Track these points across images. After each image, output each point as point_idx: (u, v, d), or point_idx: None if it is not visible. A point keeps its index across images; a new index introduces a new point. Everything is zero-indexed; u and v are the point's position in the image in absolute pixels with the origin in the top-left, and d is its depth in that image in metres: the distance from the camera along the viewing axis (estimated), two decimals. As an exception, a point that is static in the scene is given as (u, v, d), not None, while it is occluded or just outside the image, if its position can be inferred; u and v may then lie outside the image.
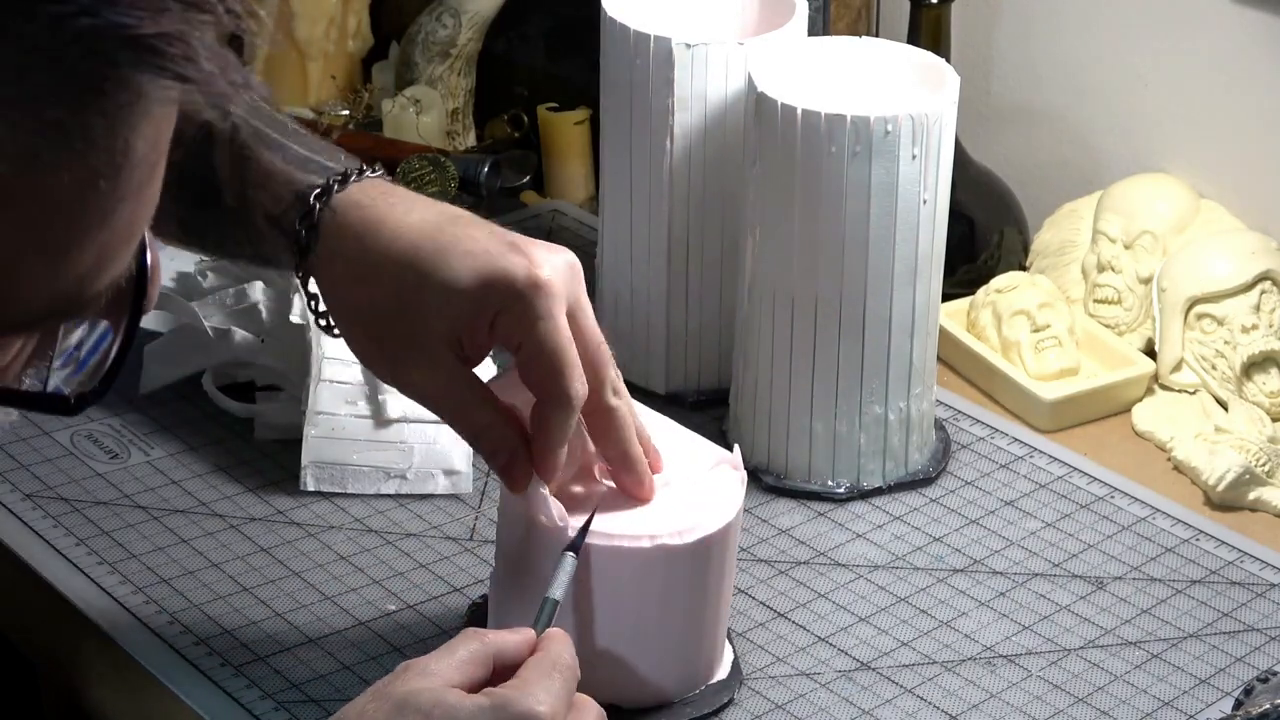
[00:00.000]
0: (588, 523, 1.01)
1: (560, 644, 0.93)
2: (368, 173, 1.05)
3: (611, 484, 1.05)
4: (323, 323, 1.05)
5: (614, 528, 1.02)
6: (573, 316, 1.00)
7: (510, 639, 0.93)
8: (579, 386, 0.99)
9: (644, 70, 1.28)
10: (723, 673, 1.09)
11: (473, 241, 1.00)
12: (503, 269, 0.98)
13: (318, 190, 1.02)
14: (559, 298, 0.99)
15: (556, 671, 0.91)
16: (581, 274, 1.02)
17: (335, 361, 1.25)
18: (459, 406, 1.02)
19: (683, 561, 1.03)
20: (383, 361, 1.03)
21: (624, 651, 1.04)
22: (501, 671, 0.91)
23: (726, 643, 1.10)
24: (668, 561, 1.02)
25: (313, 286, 1.05)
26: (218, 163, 1.05)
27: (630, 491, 1.04)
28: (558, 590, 0.98)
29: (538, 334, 0.98)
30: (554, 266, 1.00)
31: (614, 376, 1.02)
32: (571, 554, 1.00)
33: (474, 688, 0.90)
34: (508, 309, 0.98)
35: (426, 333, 1.00)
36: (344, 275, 1.02)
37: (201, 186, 1.06)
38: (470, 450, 1.25)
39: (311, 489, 1.24)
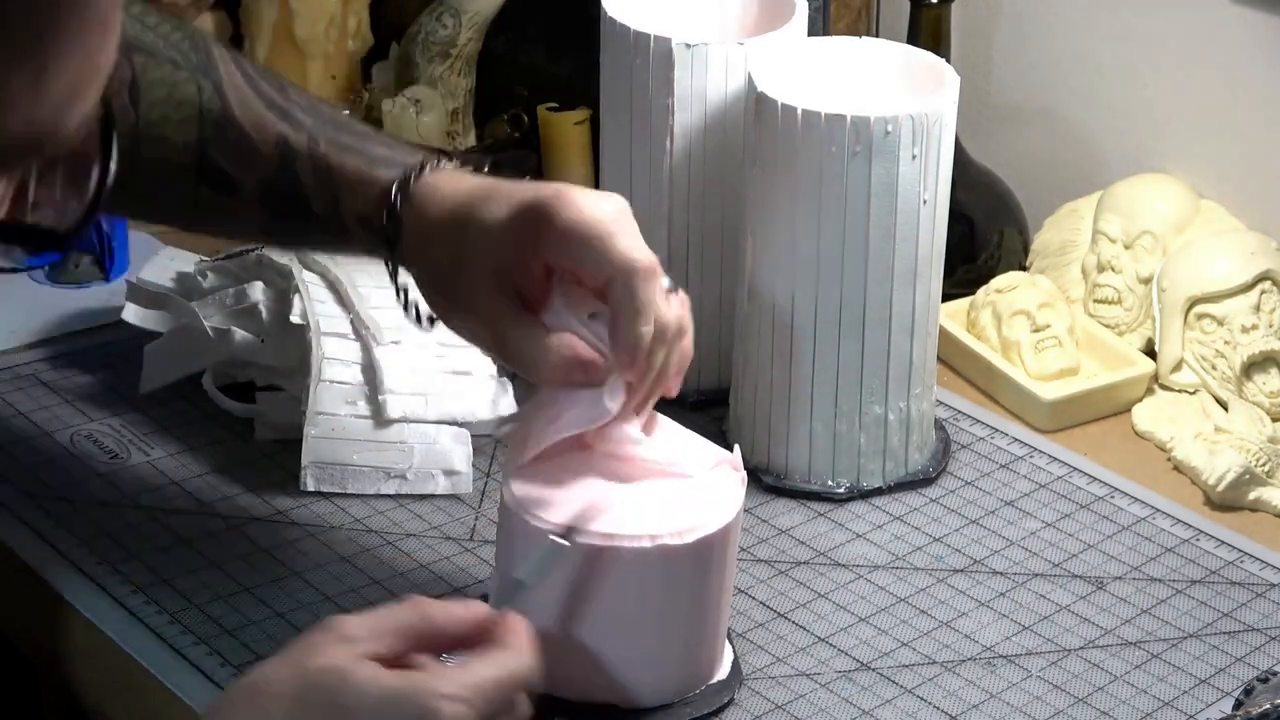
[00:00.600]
0: (579, 520, 1.00)
1: (515, 636, 0.90)
2: (443, 163, 1.09)
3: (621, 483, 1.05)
4: (411, 314, 1.10)
5: (614, 527, 1.02)
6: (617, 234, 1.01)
7: (454, 613, 0.90)
8: (640, 252, 1.00)
9: (644, 70, 1.28)
10: (723, 673, 1.09)
11: (515, 186, 1.04)
12: (533, 195, 1.02)
13: (396, 183, 1.07)
14: (581, 205, 1.01)
15: (493, 668, 0.88)
16: (630, 213, 1.03)
17: (335, 362, 1.25)
18: (506, 337, 1.03)
19: (683, 561, 1.03)
20: (450, 314, 1.07)
21: (623, 651, 1.04)
22: (437, 645, 0.90)
23: (727, 643, 1.10)
24: (668, 561, 1.02)
25: (403, 277, 1.09)
26: (301, 173, 1.10)
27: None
28: (524, 571, 0.97)
29: (567, 216, 1.00)
30: (590, 196, 1.02)
31: (682, 315, 1.03)
32: (555, 538, 0.99)
33: (397, 660, 0.88)
34: (545, 228, 1.01)
35: (476, 272, 1.03)
36: (415, 243, 1.06)
37: (287, 198, 1.11)
38: (470, 451, 1.25)
39: (311, 489, 1.24)
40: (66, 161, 0.74)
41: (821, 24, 1.49)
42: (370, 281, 1.28)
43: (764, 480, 1.26)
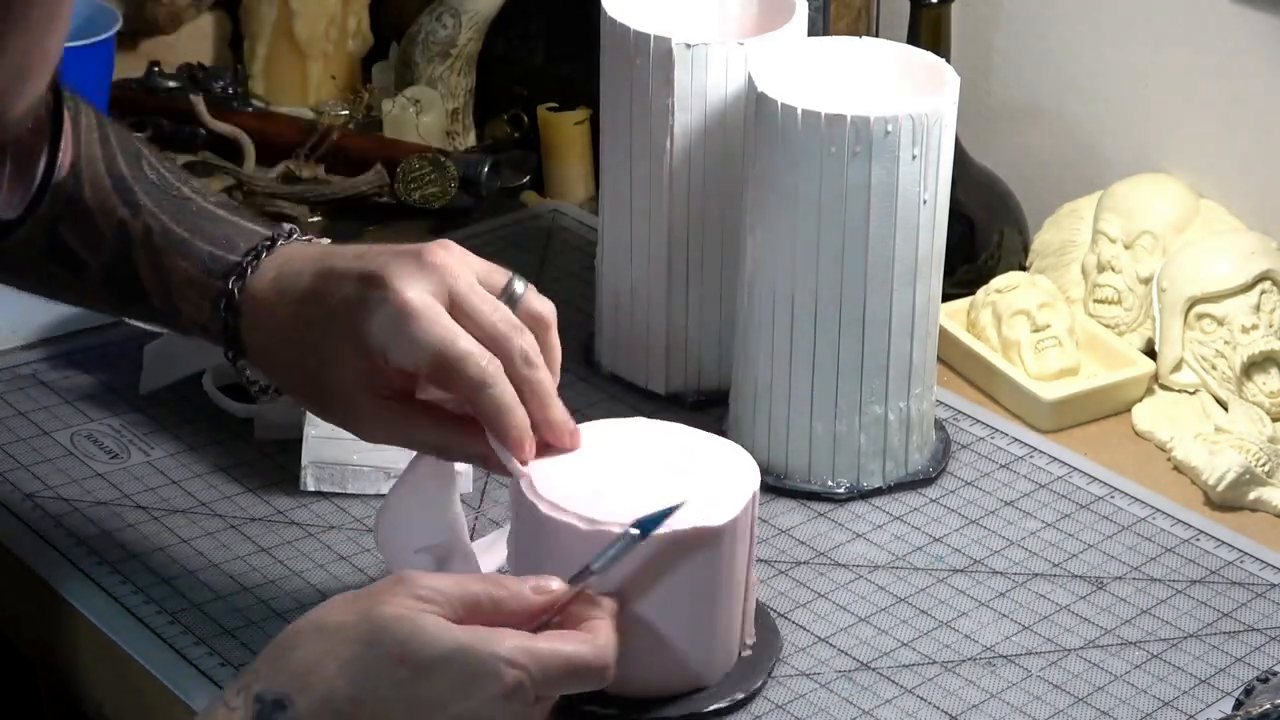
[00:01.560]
0: (668, 511, 1.00)
1: (600, 626, 0.93)
2: (279, 243, 1.09)
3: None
4: (255, 388, 1.13)
5: (620, 515, 1.02)
6: (457, 305, 1.02)
7: (525, 598, 0.93)
8: (479, 368, 1.00)
9: (644, 70, 1.28)
10: (738, 663, 1.08)
11: (337, 305, 1.04)
12: (365, 324, 1.02)
13: (225, 299, 1.08)
14: (429, 308, 1.01)
15: (567, 648, 0.91)
16: (459, 255, 1.04)
17: (335, 361, 1.25)
18: (419, 441, 1.06)
19: (693, 548, 1.02)
20: (339, 420, 1.09)
21: (634, 640, 1.03)
22: (502, 624, 0.92)
23: (753, 635, 1.10)
24: (677, 549, 1.02)
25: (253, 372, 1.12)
26: (138, 265, 1.11)
27: (560, 446, 1.05)
28: (599, 561, 0.97)
29: (420, 351, 1.01)
30: (413, 278, 1.02)
31: (524, 346, 1.03)
32: (634, 529, 0.98)
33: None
34: (389, 349, 1.01)
35: (349, 396, 1.05)
36: (273, 356, 1.09)
37: (127, 285, 1.12)
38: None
39: (312, 489, 1.24)
40: (14, 154, 0.74)
41: (821, 24, 1.50)
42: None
43: (764, 480, 1.25)
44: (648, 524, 0.98)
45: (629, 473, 1.06)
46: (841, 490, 1.26)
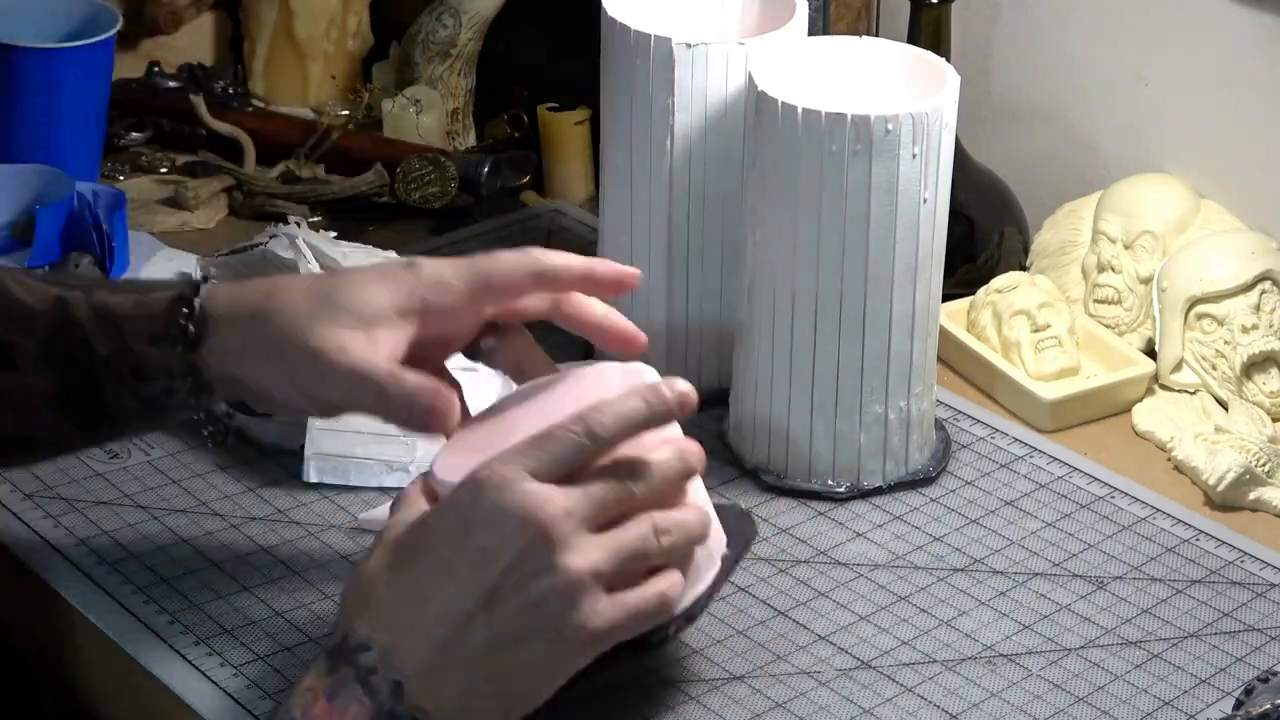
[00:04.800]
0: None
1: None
2: (211, 281, 1.11)
3: None
4: (208, 430, 1.12)
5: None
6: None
7: None
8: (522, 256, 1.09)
9: (644, 70, 1.28)
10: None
11: (369, 274, 1.08)
12: (409, 291, 1.06)
13: (191, 286, 1.09)
14: (460, 278, 1.07)
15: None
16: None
17: (336, 361, 1.24)
18: (384, 389, 1.05)
19: None
20: (304, 400, 1.08)
21: None
22: None
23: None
24: None
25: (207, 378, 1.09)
26: (80, 319, 1.10)
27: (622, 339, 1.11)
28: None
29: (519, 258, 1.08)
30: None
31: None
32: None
33: None
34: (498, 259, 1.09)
35: (348, 358, 1.05)
36: (249, 341, 1.07)
37: (69, 349, 1.10)
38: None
39: (314, 481, 1.24)
40: None
41: (821, 24, 1.50)
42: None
43: (764, 480, 1.26)
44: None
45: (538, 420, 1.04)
46: (842, 489, 1.26)
